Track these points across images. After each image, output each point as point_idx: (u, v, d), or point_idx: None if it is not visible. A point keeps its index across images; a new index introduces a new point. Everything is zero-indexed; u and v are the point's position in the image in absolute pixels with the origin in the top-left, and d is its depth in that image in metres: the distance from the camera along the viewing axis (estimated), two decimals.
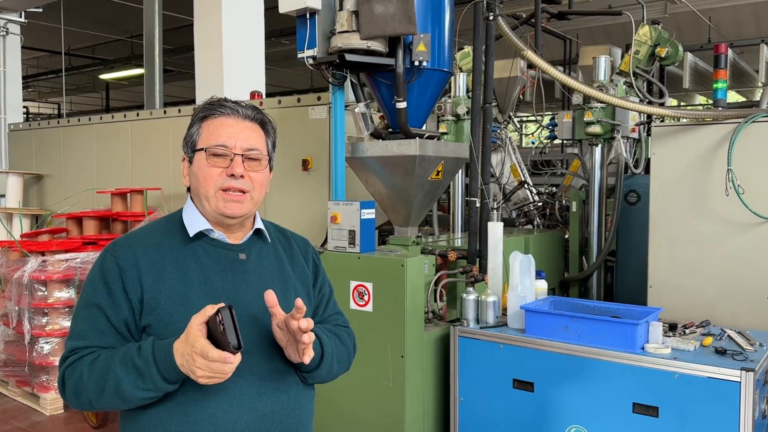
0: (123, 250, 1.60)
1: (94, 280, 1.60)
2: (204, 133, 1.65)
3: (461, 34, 3.87)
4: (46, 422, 4.83)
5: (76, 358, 1.54)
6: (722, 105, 3.66)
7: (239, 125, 1.66)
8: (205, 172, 1.63)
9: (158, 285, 1.57)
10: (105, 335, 1.55)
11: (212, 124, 1.65)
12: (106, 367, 1.49)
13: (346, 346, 1.80)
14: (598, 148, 4.64)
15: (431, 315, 3.58)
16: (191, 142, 1.67)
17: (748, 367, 2.60)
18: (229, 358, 1.38)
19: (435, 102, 3.76)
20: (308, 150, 4.52)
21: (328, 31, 3.43)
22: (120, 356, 1.49)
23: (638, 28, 4.69)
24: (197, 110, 1.70)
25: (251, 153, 1.65)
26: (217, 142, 1.62)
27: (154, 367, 1.45)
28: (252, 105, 1.73)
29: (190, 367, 1.41)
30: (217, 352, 1.38)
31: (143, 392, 1.47)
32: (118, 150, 6.27)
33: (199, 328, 1.40)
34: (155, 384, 1.46)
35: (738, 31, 10.75)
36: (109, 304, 1.56)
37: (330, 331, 1.77)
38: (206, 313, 1.41)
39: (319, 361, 1.66)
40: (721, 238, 3.53)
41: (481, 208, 3.64)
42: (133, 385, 1.46)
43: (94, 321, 1.56)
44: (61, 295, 4.95)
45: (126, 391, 1.46)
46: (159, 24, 7.66)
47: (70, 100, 21.08)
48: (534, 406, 3.08)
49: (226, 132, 1.63)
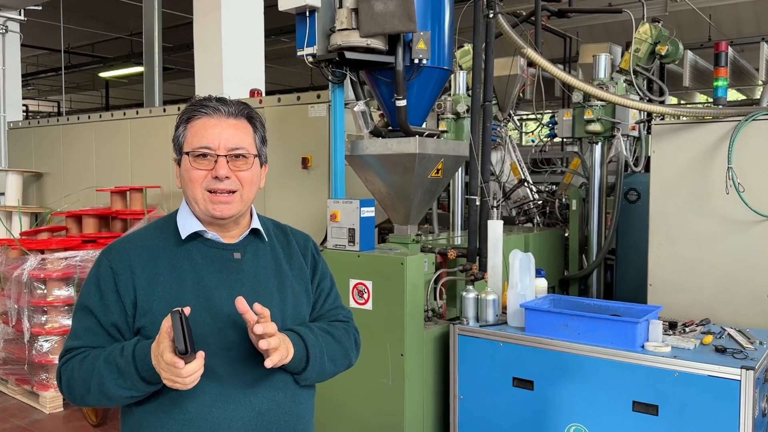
0: (117, 254, 1.63)
1: (89, 282, 1.64)
2: (188, 135, 1.64)
3: (461, 32, 3.87)
4: (45, 420, 4.83)
5: (70, 357, 1.59)
6: (722, 103, 3.65)
7: (222, 124, 1.63)
8: (190, 175, 1.62)
9: (151, 287, 1.58)
10: (96, 336, 1.59)
11: (195, 126, 1.64)
12: (92, 365, 1.53)
13: (341, 344, 1.76)
14: (598, 146, 4.64)
15: (431, 313, 3.58)
16: (177, 144, 1.67)
17: (748, 365, 2.60)
18: (177, 363, 1.37)
19: (435, 100, 3.75)
20: (308, 148, 4.52)
21: (328, 28, 3.43)
22: (105, 355, 1.53)
23: (638, 26, 4.69)
24: (182, 112, 1.69)
25: (236, 151, 1.63)
26: (200, 144, 1.61)
27: (133, 367, 1.48)
28: (238, 101, 1.70)
29: (157, 367, 1.44)
30: (168, 356, 1.39)
31: (125, 391, 1.51)
32: (117, 148, 6.27)
33: (168, 331, 1.41)
34: (134, 384, 1.49)
35: (738, 29, 10.74)
36: (99, 306, 1.59)
37: (322, 329, 1.73)
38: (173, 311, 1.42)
39: (305, 363, 1.64)
40: (721, 237, 3.53)
41: (480, 206, 3.63)
42: (115, 383, 1.50)
43: (86, 322, 1.60)
44: (60, 294, 4.94)
45: (109, 389, 1.50)
46: (158, 22, 7.65)
47: (69, 99, 21.06)
48: (534, 405, 3.08)
49: (209, 133, 1.61)
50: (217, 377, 1.56)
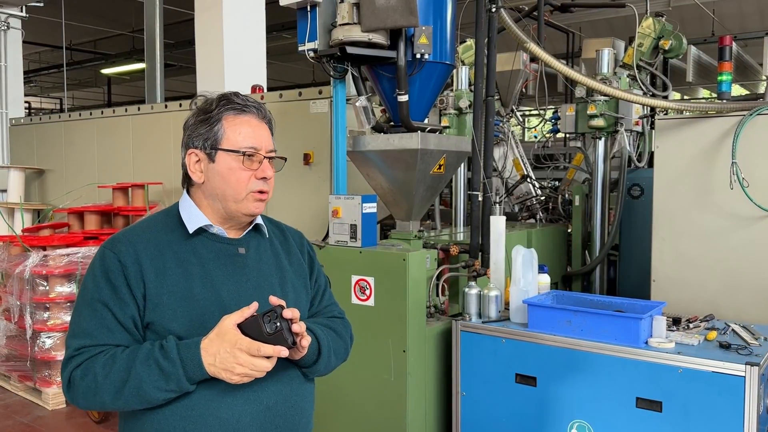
0: (123, 246, 1.58)
1: (95, 276, 1.56)
2: (229, 133, 1.61)
3: (463, 27, 3.85)
4: (48, 417, 4.83)
5: (84, 357, 1.51)
6: (727, 97, 3.63)
7: (261, 125, 1.67)
8: (237, 175, 1.62)
9: (160, 281, 1.56)
10: (113, 333, 1.53)
11: (238, 123, 1.62)
12: (125, 368, 1.47)
13: (342, 339, 1.81)
14: (601, 142, 4.62)
15: (433, 309, 3.56)
16: (213, 139, 1.61)
17: (753, 361, 2.58)
18: (284, 351, 1.46)
19: (437, 95, 3.73)
20: (309, 144, 4.50)
21: (329, 23, 3.41)
22: (142, 357, 1.47)
23: (642, 21, 4.66)
24: (215, 104, 1.63)
25: (272, 154, 1.68)
26: (250, 144, 1.62)
27: (181, 368, 1.46)
28: (261, 103, 1.72)
29: (227, 365, 1.44)
30: (270, 347, 1.44)
31: (165, 393, 1.48)
32: (119, 144, 6.26)
33: (235, 328, 1.45)
34: (179, 384, 1.48)
35: (742, 24, 10.71)
36: (114, 300, 1.53)
37: (325, 324, 1.77)
38: (243, 314, 1.46)
39: (316, 356, 1.67)
40: (725, 232, 3.51)
41: (483, 202, 3.62)
42: (155, 386, 1.47)
43: (100, 318, 1.53)
44: (62, 290, 4.94)
45: (147, 391, 1.47)
46: (160, 18, 7.64)
47: (71, 96, 21.06)
48: (536, 401, 3.07)
49: (254, 133, 1.64)
50: None
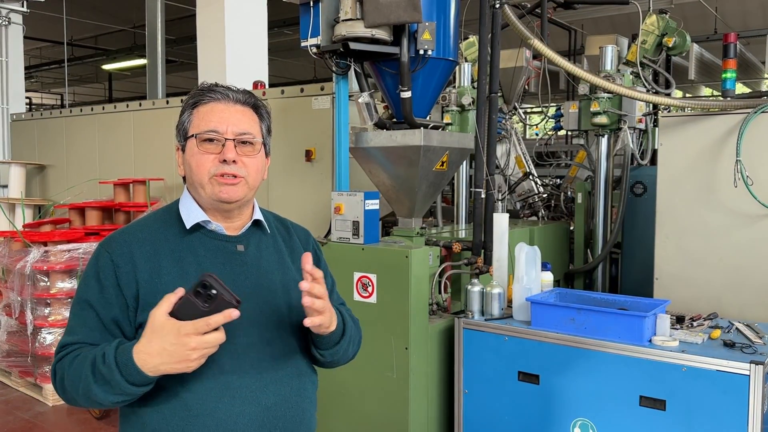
0: (118, 246, 1.57)
1: (87, 275, 1.57)
2: (195, 120, 1.61)
3: (466, 24, 3.83)
4: (49, 413, 4.83)
5: (64, 354, 1.52)
6: (731, 95, 3.61)
7: (230, 109, 1.61)
8: (197, 159, 1.59)
9: (154, 280, 1.54)
10: (93, 332, 1.52)
11: (202, 110, 1.61)
12: (79, 369, 1.46)
13: (359, 333, 1.84)
14: (604, 139, 4.60)
15: (435, 307, 3.55)
16: (183, 129, 1.63)
17: (758, 360, 2.57)
18: (234, 312, 1.35)
19: (440, 92, 3.71)
20: (311, 140, 4.49)
21: (332, 19, 3.39)
22: (90, 361, 1.45)
23: (646, 18, 4.64)
24: (188, 97, 1.66)
25: (243, 137, 1.60)
26: (207, 128, 1.58)
27: (118, 373, 1.40)
28: (244, 90, 1.68)
29: (180, 356, 1.37)
30: (219, 316, 1.35)
31: (114, 396, 1.44)
32: (120, 140, 6.26)
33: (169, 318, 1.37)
34: (122, 389, 1.42)
35: (744, 22, 10.68)
36: (99, 300, 1.53)
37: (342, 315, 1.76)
38: (171, 301, 1.37)
39: (340, 336, 1.68)
40: (729, 230, 3.49)
41: (486, 199, 3.61)
42: (103, 390, 1.43)
43: (83, 317, 1.54)
44: (63, 286, 4.94)
45: (97, 395, 1.44)
46: (161, 14, 7.64)
47: (72, 91, 21.07)
48: (539, 399, 3.05)
49: (216, 117, 1.59)
50: (223, 371, 1.53)
